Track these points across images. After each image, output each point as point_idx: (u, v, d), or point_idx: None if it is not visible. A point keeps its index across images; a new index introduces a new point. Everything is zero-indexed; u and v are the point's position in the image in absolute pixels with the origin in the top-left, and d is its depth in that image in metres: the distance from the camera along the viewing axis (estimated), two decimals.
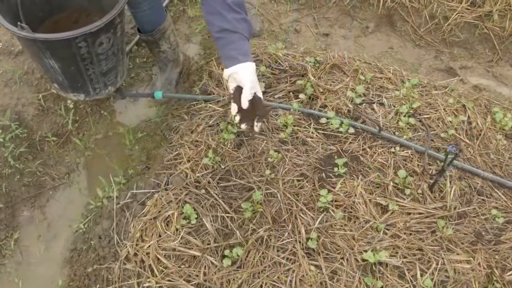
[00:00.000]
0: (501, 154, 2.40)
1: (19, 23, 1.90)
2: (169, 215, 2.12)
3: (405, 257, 2.00)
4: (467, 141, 2.43)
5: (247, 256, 2.00)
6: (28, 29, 1.90)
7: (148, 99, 2.89)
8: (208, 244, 2.03)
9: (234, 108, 1.76)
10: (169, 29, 2.59)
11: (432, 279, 1.94)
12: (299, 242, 2.02)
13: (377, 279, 1.93)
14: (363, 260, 1.97)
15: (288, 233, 2.05)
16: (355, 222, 2.09)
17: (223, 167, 2.26)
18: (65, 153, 2.67)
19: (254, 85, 1.71)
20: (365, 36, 3.25)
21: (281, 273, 1.95)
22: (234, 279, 1.94)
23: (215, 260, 1.99)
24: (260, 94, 1.75)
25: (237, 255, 1.99)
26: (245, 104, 1.70)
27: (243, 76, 1.69)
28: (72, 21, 2.40)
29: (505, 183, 2.25)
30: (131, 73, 2.99)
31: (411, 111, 2.51)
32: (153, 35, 2.54)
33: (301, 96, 2.54)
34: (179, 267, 1.99)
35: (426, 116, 2.51)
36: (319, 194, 2.14)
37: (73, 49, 2.00)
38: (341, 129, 2.39)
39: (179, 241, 2.04)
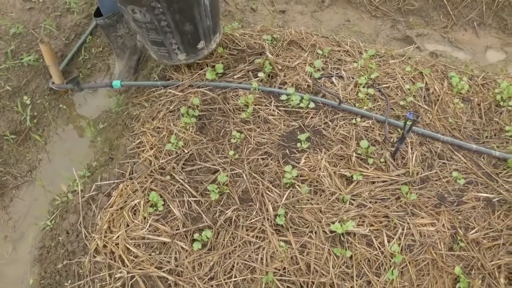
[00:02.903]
0: (459, 117, 2.45)
1: None
2: (135, 204, 2.10)
3: (372, 225, 2.03)
4: (426, 107, 2.47)
5: (216, 238, 2.01)
6: None
7: (107, 89, 2.85)
8: (177, 229, 2.03)
9: None
10: None
11: (399, 244, 1.98)
12: (267, 219, 2.03)
13: (346, 249, 1.97)
14: (331, 231, 2.00)
15: (256, 212, 2.06)
16: (321, 195, 2.12)
17: (186, 151, 2.25)
18: (25, 151, 2.61)
19: None
20: (321, 11, 3.25)
21: (252, 252, 1.96)
22: (205, 262, 1.95)
23: (185, 245, 1.99)
24: None
25: (207, 238, 1.99)
26: None
27: None
28: None
29: (464, 145, 2.31)
30: (87, 64, 2.93)
31: (369, 81, 2.54)
32: (110, 18, 2.50)
33: (260, 74, 2.53)
34: (149, 255, 1.98)
35: (384, 85, 2.54)
36: (284, 171, 2.16)
37: None
38: (301, 105, 2.40)
39: (148, 229, 2.03)
